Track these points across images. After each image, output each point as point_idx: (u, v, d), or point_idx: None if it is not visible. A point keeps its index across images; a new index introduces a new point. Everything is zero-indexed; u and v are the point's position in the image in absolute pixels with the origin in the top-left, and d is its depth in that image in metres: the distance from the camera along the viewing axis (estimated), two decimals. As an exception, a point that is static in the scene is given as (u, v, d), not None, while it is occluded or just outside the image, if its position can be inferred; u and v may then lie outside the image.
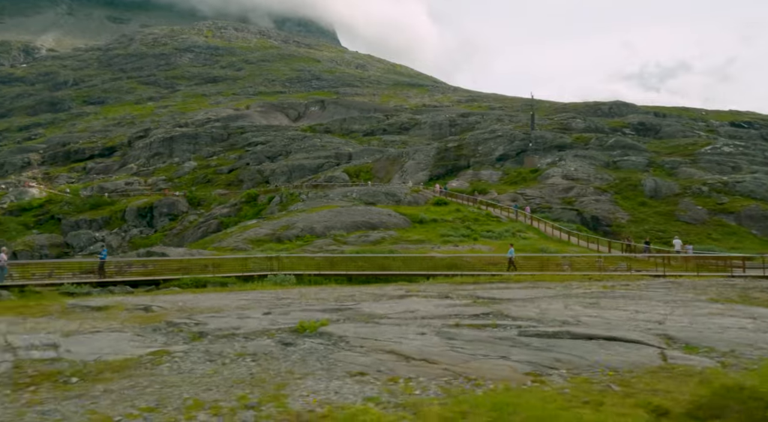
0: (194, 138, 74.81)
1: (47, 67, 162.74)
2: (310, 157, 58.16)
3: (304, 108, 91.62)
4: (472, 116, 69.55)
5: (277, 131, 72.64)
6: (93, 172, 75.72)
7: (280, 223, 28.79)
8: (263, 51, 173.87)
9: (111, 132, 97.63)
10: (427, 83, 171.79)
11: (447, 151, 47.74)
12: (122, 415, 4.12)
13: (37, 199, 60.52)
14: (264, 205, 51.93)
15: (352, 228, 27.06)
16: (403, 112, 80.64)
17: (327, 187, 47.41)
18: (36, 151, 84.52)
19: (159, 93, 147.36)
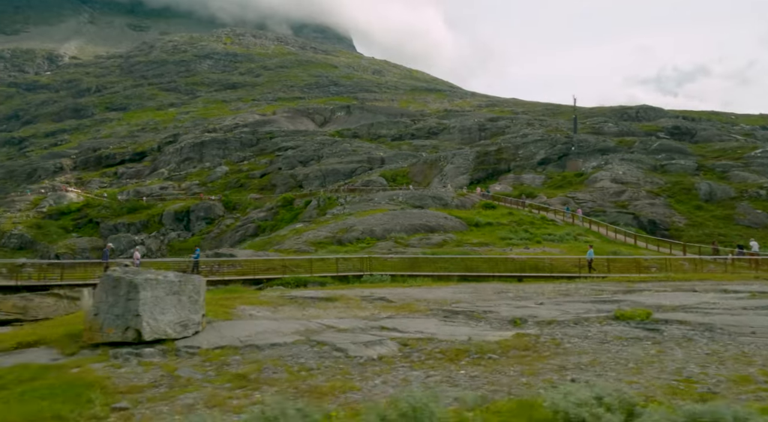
0: (224, 143, 75.82)
1: (71, 75, 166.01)
2: (342, 162, 58.71)
3: (329, 113, 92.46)
4: (500, 120, 69.74)
5: (306, 136, 73.40)
6: (124, 176, 77.00)
7: (338, 226, 29.17)
8: (281, 57, 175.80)
9: (138, 137, 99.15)
10: (444, 88, 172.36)
11: (486, 155, 47.99)
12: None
13: (75, 203, 61.69)
14: (301, 208, 52.46)
15: (411, 231, 27.35)
16: (429, 116, 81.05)
17: (365, 191, 47.80)
18: (68, 156, 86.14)
19: (180, 99, 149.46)
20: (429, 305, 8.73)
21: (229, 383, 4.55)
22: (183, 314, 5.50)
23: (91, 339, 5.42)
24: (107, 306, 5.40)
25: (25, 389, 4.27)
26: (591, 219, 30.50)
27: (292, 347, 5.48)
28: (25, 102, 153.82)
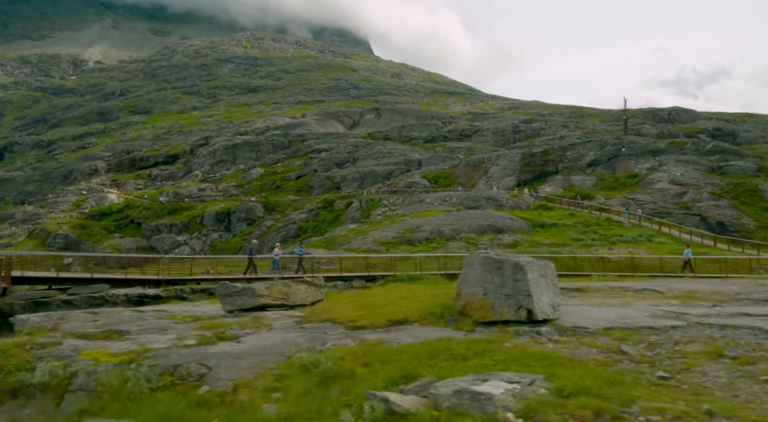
0: (256, 146, 76.63)
1: (95, 79, 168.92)
2: (380, 164, 59.04)
3: (358, 116, 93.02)
4: (534, 122, 69.64)
5: (338, 138, 73.93)
6: (158, 178, 78.10)
7: (402, 227, 29.41)
8: (300, 61, 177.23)
9: (169, 140, 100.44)
10: (463, 91, 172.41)
11: (533, 157, 48.00)
12: None
13: (116, 204, 62.73)
14: (341, 210, 52.81)
15: (480, 232, 27.48)
16: (459, 119, 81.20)
17: (408, 193, 48.02)
18: (101, 159, 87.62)
19: (202, 102, 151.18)
20: (704, 295, 8.76)
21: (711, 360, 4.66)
22: (551, 296, 5.71)
23: (484, 317, 5.67)
24: (494, 286, 5.64)
25: (498, 359, 4.50)
26: (661, 221, 30.32)
27: (688, 329, 5.64)
28: (52, 106, 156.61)
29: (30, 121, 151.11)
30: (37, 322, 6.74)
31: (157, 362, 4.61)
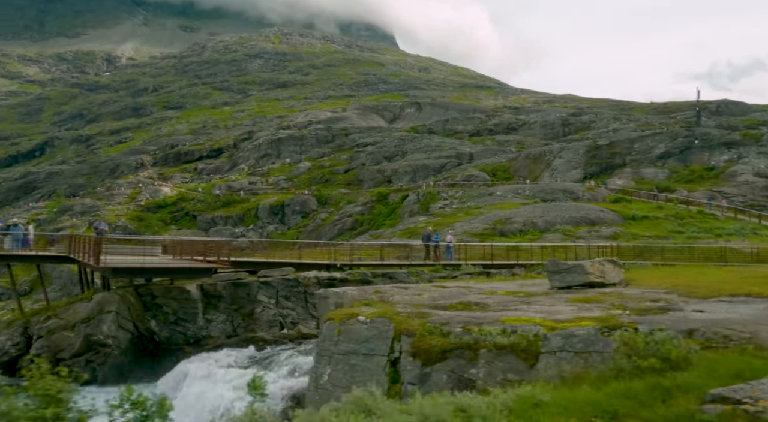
0: (300, 140, 77.30)
1: (128, 75, 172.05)
2: (431, 157, 59.09)
3: (399, 109, 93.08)
4: (584, 115, 68.82)
5: (382, 132, 74.14)
6: (204, 172, 79.39)
7: (488, 218, 29.47)
8: (328, 56, 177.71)
9: (207, 135, 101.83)
10: (492, 85, 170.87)
11: (598, 150, 47.50)
12: None
13: (170, 196, 64.04)
14: (397, 203, 53.03)
15: (574, 223, 27.41)
16: (503, 112, 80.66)
17: (467, 186, 47.99)
18: (147, 153, 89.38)
19: (233, 98, 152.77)
20: None
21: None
22: None
23: None
24: None
25: None
26: (761, 214, 29.77)
27: None
28: (88, 101, 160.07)
29: (67, 117, 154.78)
30: (356, 296, 7.05)
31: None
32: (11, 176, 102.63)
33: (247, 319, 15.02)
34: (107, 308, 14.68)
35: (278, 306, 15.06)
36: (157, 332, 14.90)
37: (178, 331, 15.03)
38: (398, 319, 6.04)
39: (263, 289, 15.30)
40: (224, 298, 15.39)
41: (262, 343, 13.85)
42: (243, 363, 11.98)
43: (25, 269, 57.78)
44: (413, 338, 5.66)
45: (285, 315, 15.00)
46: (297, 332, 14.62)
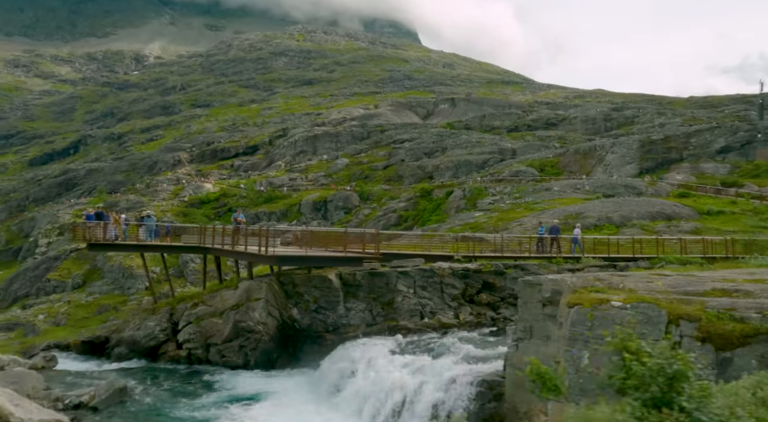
0: (336, 136, 77.67)
1: (157, 74, 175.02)
2: (472, 153, 58.80)
3: (432, 106, 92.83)
4: (626, 110, 67.64)
5: (418, 128, 74.02)
6: (241, 169, 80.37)
7: (558, 213, 29.21)
8: (352, 53, 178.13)
9: (241, 132, 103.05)
10: (518, 80, 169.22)
11: (653, 144, 46.68)
12: None
13: (213, 193, 65.00)
14: (442, 199, 52.93)
15: (650, 218, 27.02)
16: (539, 107, 79.79)
17: (515, 181, 47.62)
18: (183, 150, 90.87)
19: (259, 95, 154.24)
20: None
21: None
22: None
23: None
24: None
25: None
26: None
27: None
28: (118, 100, 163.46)
29: (99, 115, 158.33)
30: (577, 283, 7.06)
31: None
32: (51, 173, 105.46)
33: (387, 308, 15.18)
34: (255, 296, 15.00)
35: (416, 296, 15.19)
36: (298, 319, 15.17)
37: (319, 319, 15.28)
38: (665, 305, 6.02)
39: (401, 279, 15.44)
40: (363, 287, 15.58)
41: (405, 332, 14.00)
42: (408, 349, 12.09)
43: (78, 263, 59.36)
44: (697, 323, 5.64)
45: (423, 304, 15.10)
46: (437, 321, 14.71)
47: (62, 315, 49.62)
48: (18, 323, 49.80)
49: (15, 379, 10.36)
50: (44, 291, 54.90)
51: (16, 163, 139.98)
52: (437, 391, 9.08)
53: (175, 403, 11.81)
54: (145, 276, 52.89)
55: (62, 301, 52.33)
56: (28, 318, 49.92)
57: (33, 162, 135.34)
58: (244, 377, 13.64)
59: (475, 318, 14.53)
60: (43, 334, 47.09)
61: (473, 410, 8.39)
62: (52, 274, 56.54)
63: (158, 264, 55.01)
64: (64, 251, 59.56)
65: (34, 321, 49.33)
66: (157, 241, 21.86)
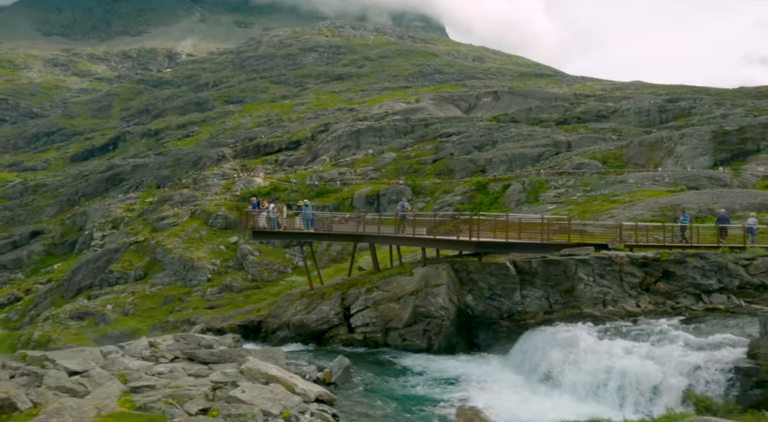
0: (379, 131, 77.76)
1: (189, 71, 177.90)
2: (526, 146, 58.20)
3: (474, 99, 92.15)
4: (681, 101, 65.96)
5: (463, 122, 73.54)
6: (285, 163, 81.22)
7: (651, 204, 28.72)
8: (381, 47, 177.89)
9: (284, 128, 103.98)
10: (550, 73, 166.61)
11: (726, 135, 45.47)
12: None
13: (264, 187, 65.89)
14: (499, 192, 52.57)
15: (752, 209, 26.34)
16: (587, 100, 78.42)
17: (577, 174, 46.96)
18: (226, 145, 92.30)
19: (290, 91, 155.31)
20: None
21: None
22: None
23: None
24: None
25: None
26: None
27: None
28: (153, 97, 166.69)
29: (135, 112, 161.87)
30: None
31: None
32: (97, 169, 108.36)
33: (566, 296, 15.22)
34: (433, 282, 15.22)
35: (597, 284, 15.18)
36: (472, 306, 15.33)
37: (493, 306, 15.42)
38: None
39: (581, 267, 15.44)
40: (539, 275, 15.65)
41: (590, 319, 14.00)
42: (609, 336, 12.06)
43: (137, 255, 60.94)
44: None
45: (605, 292, 15.07)
46: (622, 309, 14.67)
47: (129, 305, 51.10)
48: (87, 312, 51.50)
49: (270, 355, 10.76)
50: (107, 282, 56.58)
51: (58, 159, 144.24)
52: (681, 376, 9.04)
53: (387, 383, 12.04)
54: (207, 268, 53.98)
55: (127, 292, 53.84)
56: (96, 308, 51.58)
57: (74, 158, 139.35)
58: (432, 360, 13.88)
59: (655, 307, 14.39)
60: (114, 323, 48.61)
61: (732, 396, 8.33)
62: (114, 266, 58.19)
63: (219, 256, 56.07)
64: (123, 243, 61.25)
65: (102, 310, 50.95)
66: (312, 230, 22.32)
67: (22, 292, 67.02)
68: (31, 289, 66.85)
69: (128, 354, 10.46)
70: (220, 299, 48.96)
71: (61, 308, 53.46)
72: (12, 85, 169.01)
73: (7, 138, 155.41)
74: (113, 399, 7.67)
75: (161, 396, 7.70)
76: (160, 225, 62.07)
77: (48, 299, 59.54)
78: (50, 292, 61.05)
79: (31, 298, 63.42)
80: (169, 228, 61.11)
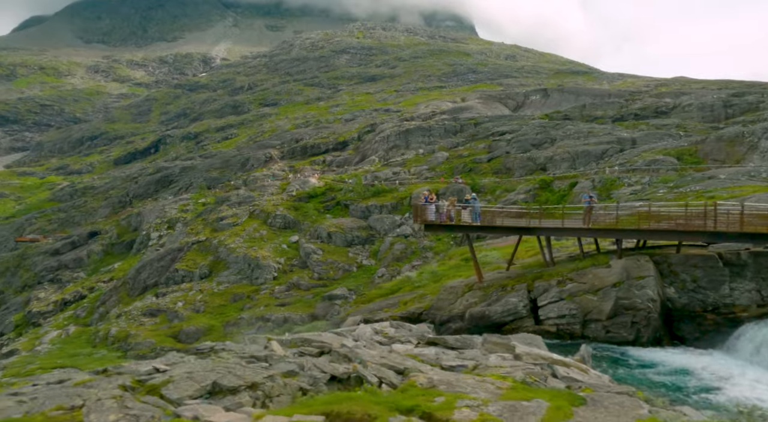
0: (428, 130, 77.70)
1: (224, 75, 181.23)
2: (589, 143, 57.34)
3: (523, 97, 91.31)
4: (748, 96, 64.04)
5: (515, 120, 72.87)
6: (333, 164, 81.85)
7: (762, 199, 27.91)
8: (413, 48, 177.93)
9: (331, 128, 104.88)
10: (585, 70, 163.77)
11: None
12: None
13: (319, 187, 66.52)
14: (565, 190, 51.85)
15: None
16: (643, 96, 76.84)
17: (651, 171, 46.00)
18: (273, 147, 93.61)
19: (324, 93, 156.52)
20: None
21: None
22: None
23: None
24: None
25: None
26: None
27: None
28: (190, 101, 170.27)
29: (173, 116, 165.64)
30: None
31: None
32: (144, 171, 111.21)
33: None
34: (636, 274, 15.16)
35: None
36: (674, 298, 15.20)
37: (697, 298, 15.25)
38: None
39: None
40: (748, 267, 15.42)
41: None
42: None
43: (201, 254, 62.24)
44: None
45: None
46: None
47: (199, 302, 52.22)
48: (159, 310, 52.87)
49: (530, 341, 10.89)
50: (173, 280, 57.96)
51: (102, 162, 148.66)
52: None
53: (628, 371, 12.03)
54: (272, 266, 54.72)
55: (194, 290, 55.06)
56: (167, 305, 52.89)
57: (117, 161, 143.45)
58: (645, 352, 13.79)
59: None
60: (188, 320, 49.73)
61: None
62: (179, 264, 59.57)
63: (282, 254, 56.82)
64: (185, 243, 62.69)
65: (174, 308, 52.20)
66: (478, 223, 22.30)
67: (86, 290, 69.19)
68: (94, 287, 68.96)
69: (360, 338, 10.62)
70: (289, 297, 49.63)
71: (132, 305, 55.02)
72: (57, 91, 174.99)
73: (54, 142, 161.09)
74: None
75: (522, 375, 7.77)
76: (220, 226, 63.33)
77: (114, 297, 61.34)
78: (115, 290, 62.89)
79: (96, 296, 65.48)
80: (230, 228, 62.28)
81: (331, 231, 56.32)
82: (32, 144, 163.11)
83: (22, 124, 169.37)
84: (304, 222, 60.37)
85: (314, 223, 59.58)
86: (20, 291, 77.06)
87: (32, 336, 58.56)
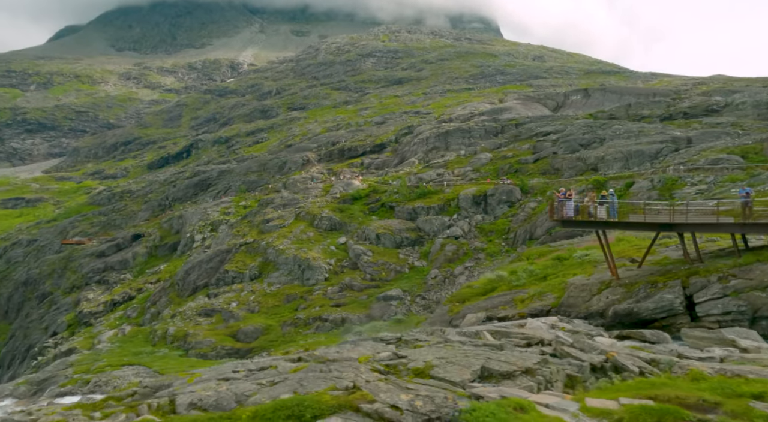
0: (467, 132, 77.33)
1: (252, 80, 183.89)
2: (641, 143, 56.27)
3: (562, 98, 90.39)
4: (806, 93, 62.21)
5: (559, 120, 72.07)
6: (372, 166, 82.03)
7: None
8: (439, 50, 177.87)
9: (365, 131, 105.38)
10: (615, 70, 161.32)
11: None
12: None
13: (362, 189, 66.66)
14: (621, 190, 50.90)
15: None
16: (689, 94, 75.33)
17: (715, 170, 44.87)
18: (310, 150, 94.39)
19: (351, 97, 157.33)
20: None
21: None
22: None
23: None
24: None
25: None
26: None
27: None
28: (219, 106, 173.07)
29: (203, 121, 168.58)
30: None
31: None
32: (181, 175, 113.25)
33: None
34: None
35: None
36: None
37: None
38: None
39: None
40: None
41: None
42: None
43: (249, 256, 62.85)
44: None
45: None
46: None
47: (253, 303, 52.71)
48: (213, 310, 53.54)
49: (746, 336, 10.67)
50: (224, 281, 58.65)
51: (136, 166, 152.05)
52: None
53: None
54: (323, 267, 54.90)
55: (246, 290, 55.62)
56: (221, 306, 53.52)
57: (151, 165, 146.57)
58: None
59: None
60: (244, 320, 50.21)
61: None
62: (228, 266, 60.29)
63: (332, 256, 57.03)
64: (233, 245, 63.51)
65: (228, 308, 52.80)
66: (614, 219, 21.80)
67: (134, 291, 70.55)
68: (142, 288, 70.27)
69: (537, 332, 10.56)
70: (343, 298, 49.75)
71: (186, 305, 55.85)
72: (91, 98, 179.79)
73: (89, 148, 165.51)
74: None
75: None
76: (266, 228, 63.97)
77: (164, 298, 62.36)
78: (164, 291, 63.96)
79: (145, 296, 66.72)
80: (276, 230, 62.85)
81: (380, 233, 56.33)
82: (68, 149, 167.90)
83: (59, 131, 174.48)
84: (350, 224, 60.50)
85: (361, 225, 59.68)
86: (69, 292, 79.04)
87: (87, 336, 59.92)
